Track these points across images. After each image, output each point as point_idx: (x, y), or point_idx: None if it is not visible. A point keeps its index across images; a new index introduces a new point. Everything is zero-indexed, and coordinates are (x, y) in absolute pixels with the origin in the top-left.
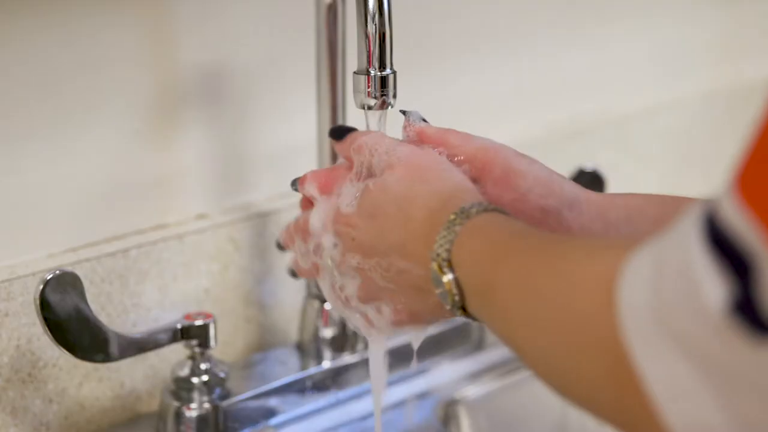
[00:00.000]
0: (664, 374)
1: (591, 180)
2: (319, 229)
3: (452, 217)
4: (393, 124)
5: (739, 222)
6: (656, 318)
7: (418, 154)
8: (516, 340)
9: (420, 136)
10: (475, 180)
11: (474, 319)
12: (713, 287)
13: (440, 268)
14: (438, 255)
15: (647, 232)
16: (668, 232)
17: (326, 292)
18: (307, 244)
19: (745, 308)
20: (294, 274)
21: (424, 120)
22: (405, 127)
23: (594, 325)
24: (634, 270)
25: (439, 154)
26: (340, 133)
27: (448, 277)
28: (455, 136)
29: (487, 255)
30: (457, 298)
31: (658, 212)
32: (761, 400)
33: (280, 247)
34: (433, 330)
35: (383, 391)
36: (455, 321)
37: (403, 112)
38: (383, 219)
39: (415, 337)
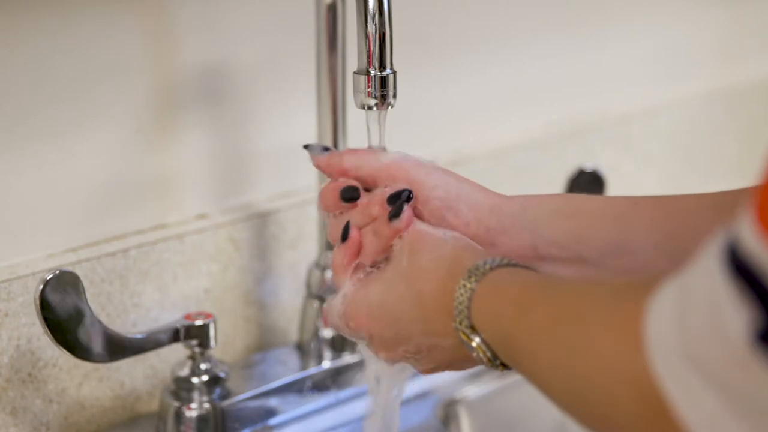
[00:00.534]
0: (695, 408)
1: (591, 180)
2: (341, 329)
3: (462, 282)
4: (393, 124)
5: (761, 251)
6: (684, 353)
7: (410, 230)
8: (548, 389)
9: (325, 168)
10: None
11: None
12: (737, 316)
13: (466, 335)
14: (460, 322)
15: (542, 220)
16: (692, 264)
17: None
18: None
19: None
20: None
21: (327, 149)
22: (314, 162)
23: (624, 365)
24: (660, 306)
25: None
26: (351, 196)
27: (476, 342)
28: (351, 157)
29: (507, 310)
30: (490, 356)
31: (552, 205)
32: None
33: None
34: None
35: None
36: None
37: (306, 147)
38: (395, 301)
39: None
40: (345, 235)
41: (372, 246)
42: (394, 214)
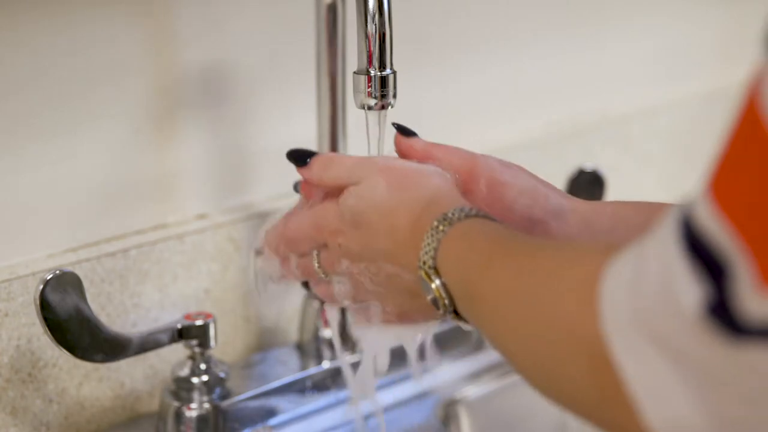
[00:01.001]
0: (644, 374)
1: (591, 180)
2: (304, 234)
3: (435, 223)
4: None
5: (714, 227)
6: (636, 319)
7: (395, 162)
8: (502, 343)
9: (408, 150)
10: (462, 192)
11: (465, 322)
12: (690, 290)
13: (428, 275)
14: (424, 263)
15: (631, 239)
16: (648, 235)
17: (317, 291)
18: (292, 250)
19: (719, 310)
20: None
21: (414, 133)
22: (396, 141)
23: (577, 325)
24: (616, 272)
25: None
26: (300, 157)
27: (436, 284)
28: (440, 149)
29: (472, 260)
30: (447, 302)
31: (642, 220)
32: (737, 399)
33: (258, 252)
34: (426, 335)
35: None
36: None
37: (397, 127)
38: (367, 228)
39: (409, 341)
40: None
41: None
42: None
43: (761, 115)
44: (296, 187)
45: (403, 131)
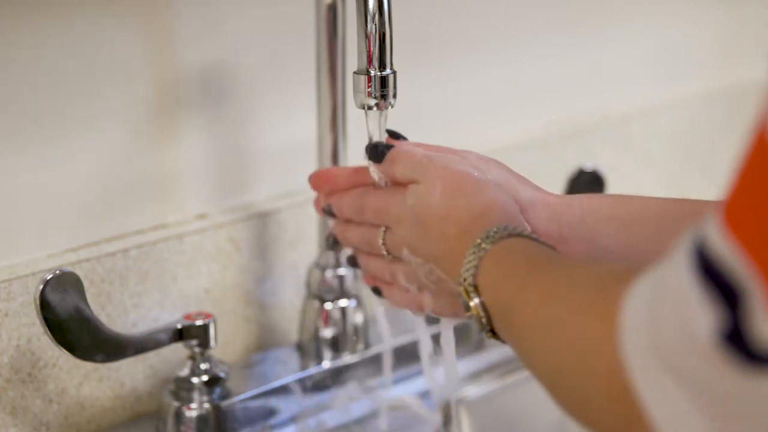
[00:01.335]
0: (662, 403)
1: (591, 180)
2: (376, 207)
3: (478, 240)
4: (393, 124)
5: (727, 253)
6: (653, 346)
7: (455, 167)
8: (533, 365)
9: (397, 158)
10: None
11: (502, 341)
12: (703, 317)
13: (467, 293)
14: (465, 279)
15: (600, 230)
16: (664, 260)
17: (374, 266)
18: (361, 217)
19: (734, 338)
20: (332, 239)
21: (403, 137)
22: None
23: (601, 352)
24: (635, 299)
25: None
26: (379, 153)
27: (474, 302)
28: (420, 148)
29: (509, 281)
30: (484, 321)
31: (610, 212)
32: (751, 427)
33: (329, 212)
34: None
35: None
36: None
37: (389, 132)
38: (424, 228)
39: (446, 323)
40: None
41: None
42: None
43: None
44: (327, 211)
45: (392, 135)
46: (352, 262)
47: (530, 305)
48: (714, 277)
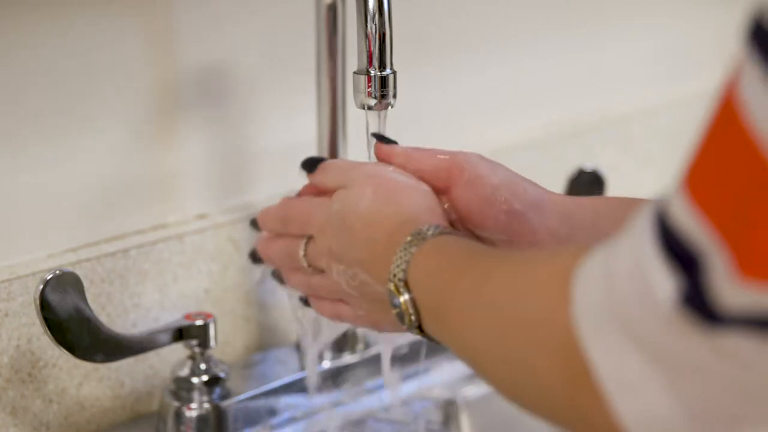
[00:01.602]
0: (616, 368)
1: (591, 180)
2: (297, 217)
3: (409, 238)
4: (393, 124)
5: (688, 219)
6: (609, 313)
7: (384, 174)
8: (471, 352)
9: (388, 158)
10: (441, 191)
11: (429, 339)
12: (664, 283)
13: (397, 288)
14: (395, 275)
15: (611, 234)
16: (621, 232)
17: (292, 279)
18: (281, 229)
19: (694, 301)
20: (255, 256)
21: (394, 142)
22: (375, 150)
23: (549, 322)
24: (589, 268)
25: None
26: (311, 164)
27: (404, 297)
28: (419, 153)
29: (443, 274)
30: (413, 318)
31: (623, 214)
32: (716, 390)
33: (255, 225)
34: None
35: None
36: None
37: (377, 136)
38: (349, 234)
39: (384, 348)
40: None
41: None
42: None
43: (737, 109)
44: (253, 224)
45: (382, 140)
46: (277, 278)
47: (466, 290)
48: (674, 245)
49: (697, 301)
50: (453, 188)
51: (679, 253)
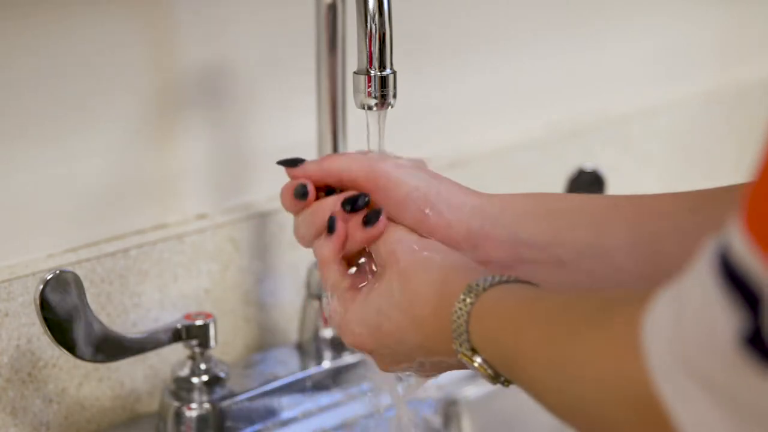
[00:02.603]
0: (694, 416)
1: (591, 180)
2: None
3: (458, 305)
4: (393, 124)
5: (749, 257)
6: (678, 357)
7: (398, 251)
8: (550, 405)
9: (306, 178)
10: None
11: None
12: (727, 321)
13: (468, 357)
14: (460, 346)
15: (520, 223)
16: (686, 274)
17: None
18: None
19: (755, 341)
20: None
21: (300, 160)
22: (290, 176)
23: (624, 380)
24: (657, 315)
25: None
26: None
27: (477, 362)
28: (336, 160)
29: (504, 332)
30: (492, 373)
31: (527, 207)
32: None
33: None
34: None
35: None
36: None
37: (283, 163)
38: (393, 328)
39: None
40: (331, 228)
41: (353, 241)
42: (368, 221)
43: None
44: (282, 162)
45: (289, 163)
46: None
47: (533, 347)
48: (736, 282)
49: (757, 342)
50: (371, 192)
51: (741, 290)
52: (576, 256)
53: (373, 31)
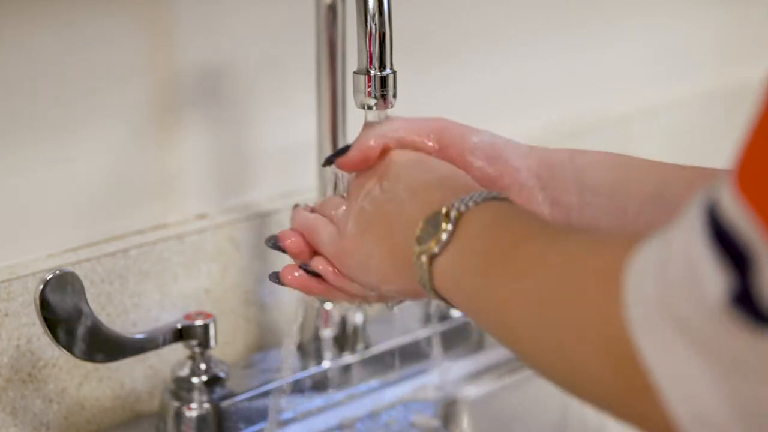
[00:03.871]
0: (669, 364)
1: None
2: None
3: (463, 197)
4: None
5: (739, 216)
6: (661, 308)
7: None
8: (509, 333)
9: (368, 157)
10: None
11: (439, 297)
12: (714, 279)
13: (447, 216)
14: (453, 205)
15: (589, 169)
16: (673, 223)
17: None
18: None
19: (743, 300)
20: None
21: (343, 150)
22: (344, 165)
23: (601, 316)
24: (641, 262)
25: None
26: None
27: (449, 228)
28: (399, 122)
29: (501, 227)
30: (437, 249)
31: (597, 157)
32: (757, 388)
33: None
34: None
35: None
36: (455, 322)
37: (329, 159)
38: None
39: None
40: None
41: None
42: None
43: None
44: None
45: (338, 153)
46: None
47: (521, 263)
48: (725, 241)
49: (746, 301)
50: (445, 150)
51: (730, 249)
52: (639, 205)
53: (373, 30)
